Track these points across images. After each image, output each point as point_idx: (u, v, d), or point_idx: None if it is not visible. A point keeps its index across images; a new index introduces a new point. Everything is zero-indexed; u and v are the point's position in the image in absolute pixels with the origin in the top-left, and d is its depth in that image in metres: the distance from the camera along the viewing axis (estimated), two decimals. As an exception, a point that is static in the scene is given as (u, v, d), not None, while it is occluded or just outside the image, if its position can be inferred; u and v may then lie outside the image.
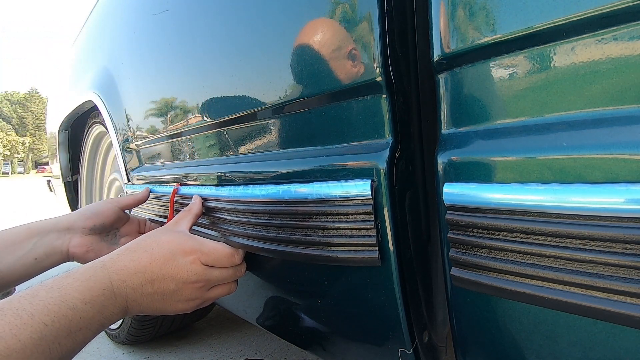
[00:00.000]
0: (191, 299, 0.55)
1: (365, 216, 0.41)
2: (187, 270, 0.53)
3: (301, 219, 0.47)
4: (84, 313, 0.45)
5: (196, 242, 0.56)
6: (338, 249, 0.44)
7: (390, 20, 0.39)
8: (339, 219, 0.43)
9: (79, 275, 0.48)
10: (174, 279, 0.53)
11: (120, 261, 0.52)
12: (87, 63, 1.29)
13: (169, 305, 0.54)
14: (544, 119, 0.30)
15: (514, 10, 0.30)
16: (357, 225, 0.42)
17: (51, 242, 0.69)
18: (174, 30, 0.73)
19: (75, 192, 1.72)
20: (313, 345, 0.59)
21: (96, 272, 0.49)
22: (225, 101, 0.62)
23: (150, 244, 0.54)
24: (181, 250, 0.54)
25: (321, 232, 0.45)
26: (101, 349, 1.37)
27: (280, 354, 1.25)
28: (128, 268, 0.51)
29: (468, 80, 0.35)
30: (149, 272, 0.52)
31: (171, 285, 0.53)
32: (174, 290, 0.53)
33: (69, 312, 0.43)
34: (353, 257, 0.42)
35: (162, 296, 0.53)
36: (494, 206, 0.31)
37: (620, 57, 0.26)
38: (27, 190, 13.43)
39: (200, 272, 0.54)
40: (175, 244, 0.54)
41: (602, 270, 0.27)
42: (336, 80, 0.43)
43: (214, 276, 0.56)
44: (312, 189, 0.45)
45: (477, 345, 0.38)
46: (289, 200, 0.48)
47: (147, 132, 0.89)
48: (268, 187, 0.51)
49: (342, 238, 0.43)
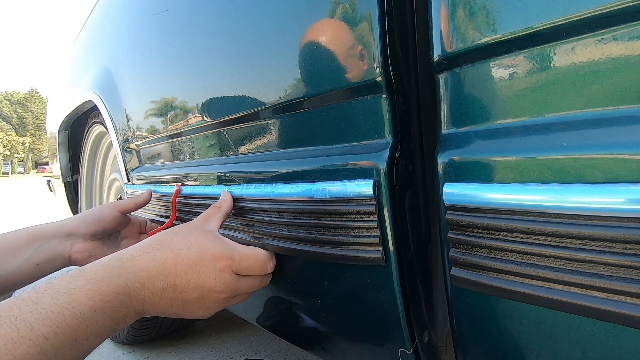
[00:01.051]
0: (213, 307, 0.51)
1: (368, 216, 0.41)
2: (215, 278, 0.49)
3: (305, 217, 0.47)
4: (92, 320, 0.40)
5: (227, 247, 0.51)
6: (342, 247, 0.44)
7: (390, 20, 0.39)
8: (341, 218, 0.43)
9: (91, 276, 0.43)
10: (199, 287, 0.48)
11: (142, 259, 0.46)
12: (87, 63, 1.29)
13: (188, 310, 0.49)
14: (544, 119, 0.30)
15: (514, 10, 0.30)
16: (360, 225, 0.42)
17: (53, 248, 0.68)
18: (174, 30, 0.73)
19: (75, 192, 1.72)
20: (313, 345, 0.59)
21: (112, 271, 0.44)
22: (225, 101, 0.62)
23: (177, 243, 0.49)
24: (211, 255, 0.49)
25: (325, 231, 0.45)
26: (101, 349, 1.37)
27: (280, 354, 1.24)
28: (149, 269, 0.46)
29: (468, 80, 0.35)
30: (172, 276, 0.47)
31: (195, 293, 0.48)
32: (196, 298, 0.48)
33: (74, 321, 0.39)
34: (357, 255, 0.43)
35: (183, 302, 0.48)
36: (494, 206, 0.31)
37: (620, 57, 0.26)
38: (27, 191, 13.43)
39: (230, 281, 0.50)
40: (206, 247, 0.49)
41: (602, 270, 0.27)
42: (336, 80, 0.43)
43: (242, 286, 0.51)
44: (317, 188, 0.45)
45: (477, 345, 0.38)
46: (295, 200, 0.48)
47: (147, 132, 0.89)
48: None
49: (346, 237, 0.43)
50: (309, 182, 0.46)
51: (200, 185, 0.71)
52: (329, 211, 0.44)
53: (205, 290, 0.48)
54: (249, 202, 0.56)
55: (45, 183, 2.30)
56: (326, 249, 0.45)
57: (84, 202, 1.67)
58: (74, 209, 1.76)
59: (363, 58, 0.40)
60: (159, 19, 0.78)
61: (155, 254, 0.47)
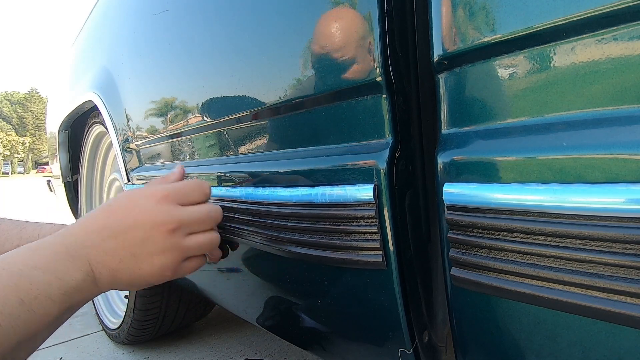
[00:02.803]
0: (167, 248, 0.46)
1: (369, 220, 0.41)
2: (153, 210, 0.46)
3: (305, 221, 0.47)
4: (33, 278, 0.39)
5: (160, 185, 0.49)
6: (342, 251, 0.44)
7: (390, 20, 0.38)
8: (342, 222, 0.43)
9: (32, 244, 0.43)
10: (140, 225, 0.45)
11: (77, 223, 0.46)
12: (87, 63, 1.29)
13: (142, 262, 0.46)
14: (544, 119, 0.30)
15: (514, 10, 0.30)
16: (360, 229, 0.42)
17: None
18: (173, 30, 0.73)
19: (75, 192, 1.72)
20: (313, 345, 0.59)
21: (49, 238, 0.44)
22: (225, 101, 0.62)
23: (108, 201, 0.49)
24: (142, 194, 0.47)
25: (325, 235, 0.45)
26: (101, 349, 1.37)
27: (280, 354, 1.24)
28: (85, 227, 0.45)
29: (468, 80, 0.35)
30: (108, 228, 0.45)
31: (138, 233, 0.45)
32: (142, 239, 0.45)
33: (13, 278, 0.38)
34: (357, 259, 0.43)
35: (130, 251, 0.45)
36: (494, 206, 0.31)
37: (620, 57, 0.26)
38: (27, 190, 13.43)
39: (171, 210, 0.47)
40: (136, 192, 0.48)
41: (602, 270, 0.27)
42: (336, 80, 0.43)
43: (187, 214, 0.48)
44: (316, 193, 0.45)
45: (477, 345, 0.38)
46: (295, 203, 0.48)
47: (147, 132, 0.89)
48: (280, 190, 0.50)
49: (346, 241, 0.43)
50: (309, 187, 0.46)
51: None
52: (329, 216, 0.44)
53: (148, 227, 0.45)
54: (249, 205, 0.55)
55: (45, 183, 2.30)
56: (326, 253, 0.45)
57: (84, 202, 1.67)
58: (74, 209, 1.76)
59: (363, 58, 0.40)
60: (159, 19, 0.78)
61: (90, 214, 0.47)
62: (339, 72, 0.43)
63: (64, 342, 1.43)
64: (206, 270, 0.80)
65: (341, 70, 0.42)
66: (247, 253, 0.64)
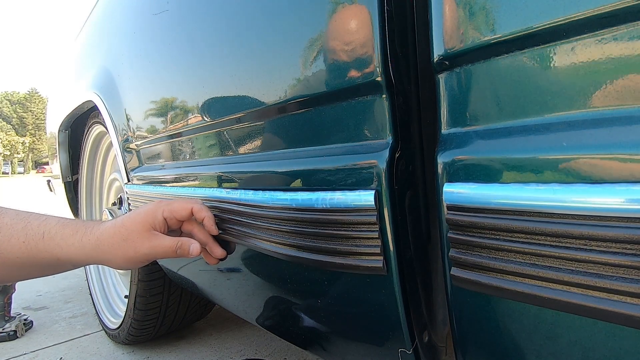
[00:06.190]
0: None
1: (369, 226, 0.41)
2: None
3: (305, 226, 0.47)
4: None
5: None
6: (343, 256, 0.44)
7: (390, 20, 0.38)
8: (342, 227, 0.43)
9: None
10: None
11: None
12: (87, 63, 1.29)
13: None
14: (544, 119, 0.30)
15: (514, 10, 0.30)
16: (361, 235, 0.42)
17: None
18: (174, 31, 0.73)
19: (75, 192, 1.73)
20: (313, 345, 0.59)
21: None
22: (225, 101, 0.62)
23: None
24: None
25: (326, 240, 0.45)
26: (101, 349, 1.37)
27: (280, 354, 1.24)
28: None
29: (468, 80, 0.35)
30: None
31: None
32: None
33: None
34: (358, 265, 0.43)
35: None
36: (494, 206, 0.31)
37: (620, 57, 0.26)
38: (27, 190, 13.42)
39: None
40: None
41: (602, 270, 0.27)
42: (336, 80, 0.43)
43: None
44: (317, 198, 0.45)
45: (477, 345, 0.38)
46: (295, 208, 0.48)
47: (147, 132, 0.89)
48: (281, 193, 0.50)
49: (346, 246, 0.43)
50: (310, 191, 0.46)
51: (200, 187, 0.70)
52: (329, 221, 0.44)
53: None
54: (249, 208, 0.55)
55: (45, 183, 2.30)
56: (327, 258, 0.45)
57: (84, 202, 1.67)
58: (74, 209, 1.76)
59: (363, 58, 0.40)
60: (159, 19, 0.78)
61: None
62: (338, 72, 0.43)
63: (64, 342, 1.43)
64: (206, 270, 0.80)
65: (341, 70, 0.42)
66: (248, 254, 0.64)
